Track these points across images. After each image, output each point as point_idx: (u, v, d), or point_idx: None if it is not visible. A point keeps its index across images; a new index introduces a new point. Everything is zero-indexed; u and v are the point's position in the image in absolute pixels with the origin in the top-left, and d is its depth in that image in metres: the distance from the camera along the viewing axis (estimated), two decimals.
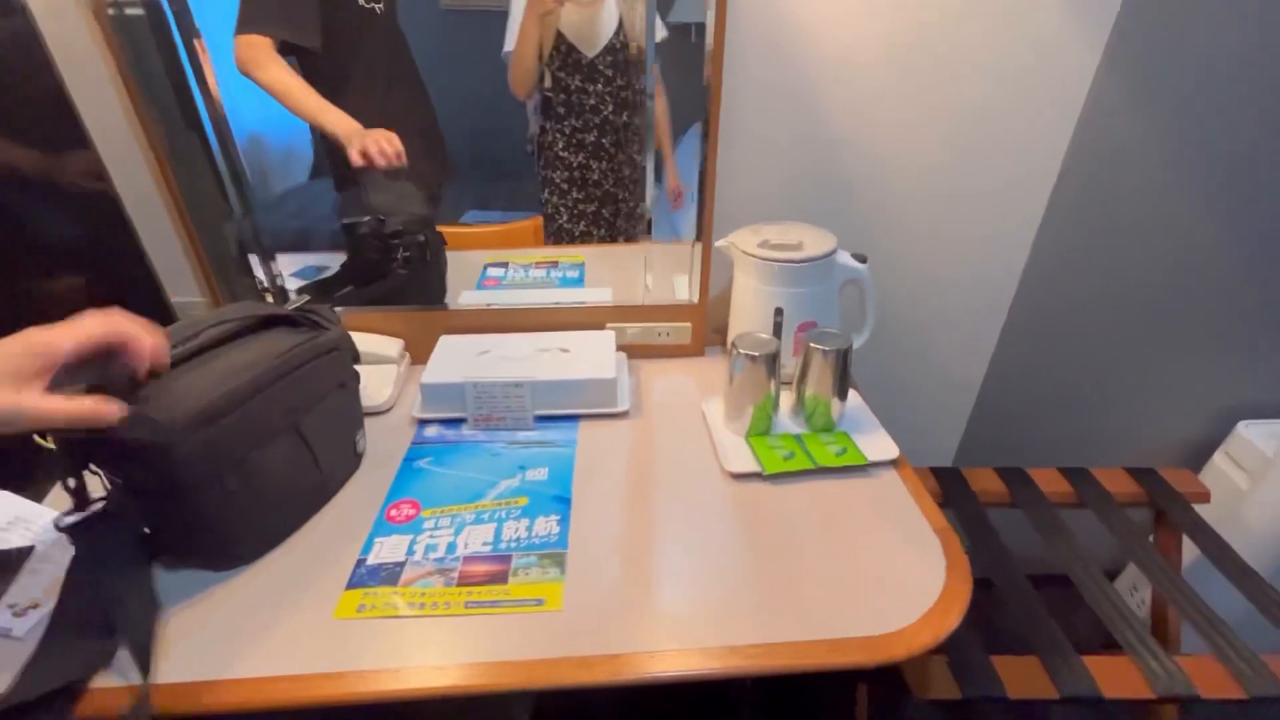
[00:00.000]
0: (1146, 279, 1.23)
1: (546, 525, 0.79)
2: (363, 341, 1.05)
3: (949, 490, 1.21)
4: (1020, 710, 0.89)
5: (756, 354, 0.86)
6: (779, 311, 0.96)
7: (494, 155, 1.20)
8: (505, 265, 1.27)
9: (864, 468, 0.86)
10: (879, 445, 0.89)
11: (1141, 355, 1.32)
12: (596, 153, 1.09)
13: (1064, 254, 1.19)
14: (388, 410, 0.99)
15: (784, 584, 0.71)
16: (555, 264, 1.26)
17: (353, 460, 0.88)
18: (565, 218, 1.16)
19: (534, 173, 1.13)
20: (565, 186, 1.13)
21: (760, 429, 0.92)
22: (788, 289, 0.94)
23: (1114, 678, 0.90)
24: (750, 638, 0.65)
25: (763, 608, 0.68)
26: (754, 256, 0.94)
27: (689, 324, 1.11)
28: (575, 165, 1.10)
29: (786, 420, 0.95)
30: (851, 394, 0.99)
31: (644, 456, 0.90)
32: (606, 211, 1.14)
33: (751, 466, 0.86)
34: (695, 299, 1.09)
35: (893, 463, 0.87)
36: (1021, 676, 0.90)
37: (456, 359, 1.00)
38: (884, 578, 0.71)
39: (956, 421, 1.38)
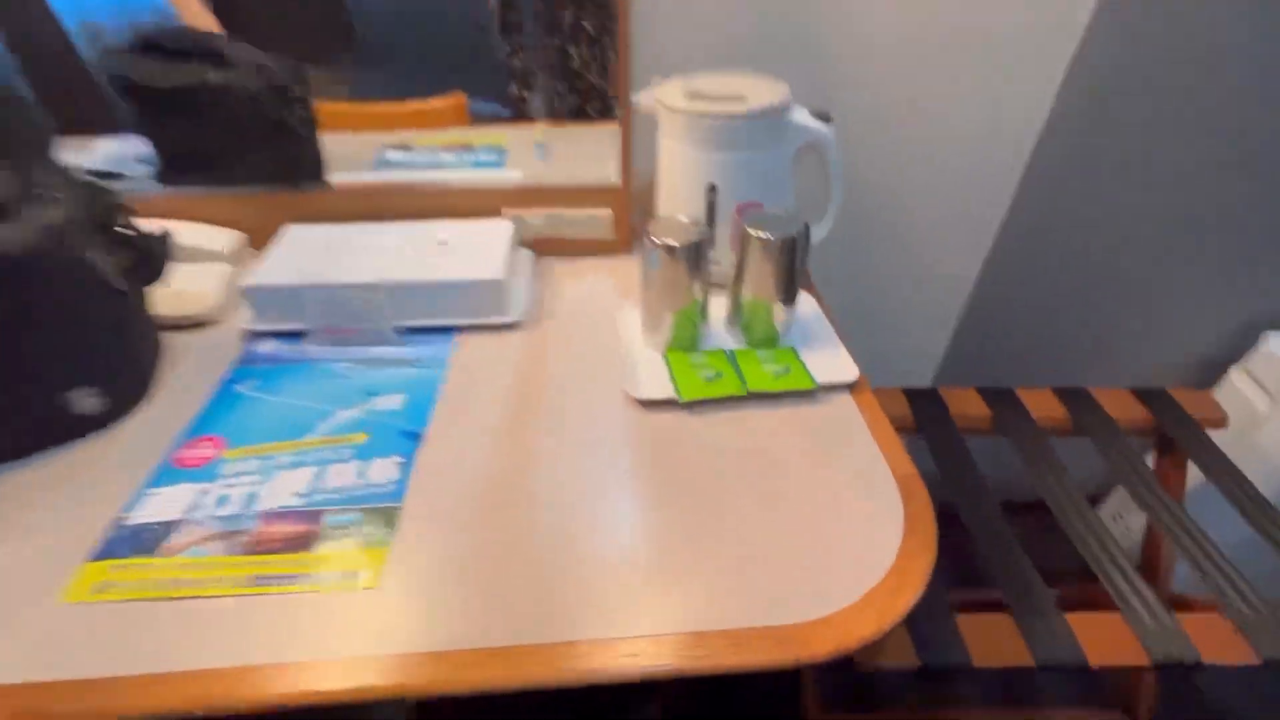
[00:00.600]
0: (1163, 178, 1.00)
1: (384, 470, 0.60)
2: (188, 234, 0.82)
3: (922, 415, 1.03)
4: (993, 676, 0.74)
5: (676, 244, 0.65)
6: (712, 189, 0.73)
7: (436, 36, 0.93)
8: (408, 149, 1.02)
9: (811, 394, 0.67)
10: (833, 364, 0.69)
11: (1155, 259, 1.11)
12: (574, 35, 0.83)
13: (1078, 140, 0.95)
14: (213, 322, 0.78)
15: (687, 552, 0.52)
16: (469, 147, 1.01)
17: (133, 386, 0.67)
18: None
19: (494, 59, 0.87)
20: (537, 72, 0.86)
21: (683, 343, 0.71)
22: (723, 155, 0.71)
23: (1099, 637, 0.76)
24: (634, 626, 0.47)
25: (651, 585, 0.50)
26: (679, 112, 0.70)
27: (608, 211, 0.88)
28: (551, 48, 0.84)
29: (720, 332, 0.75)
30: (805, 299, 0.78)
31: (533, 380, 0.70)
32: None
33: (664, 391, 0.66)
34: (616, 179, 0.85)
35: (848, 387, 0.68)
36: (991, 639, 0.75)
37: (301, 255, 0.78)
38: (822, 543, 0.53)
39: (939, 334, 1.19)
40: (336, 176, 0.91)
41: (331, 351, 0.74)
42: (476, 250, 0.79)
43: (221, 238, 0.83)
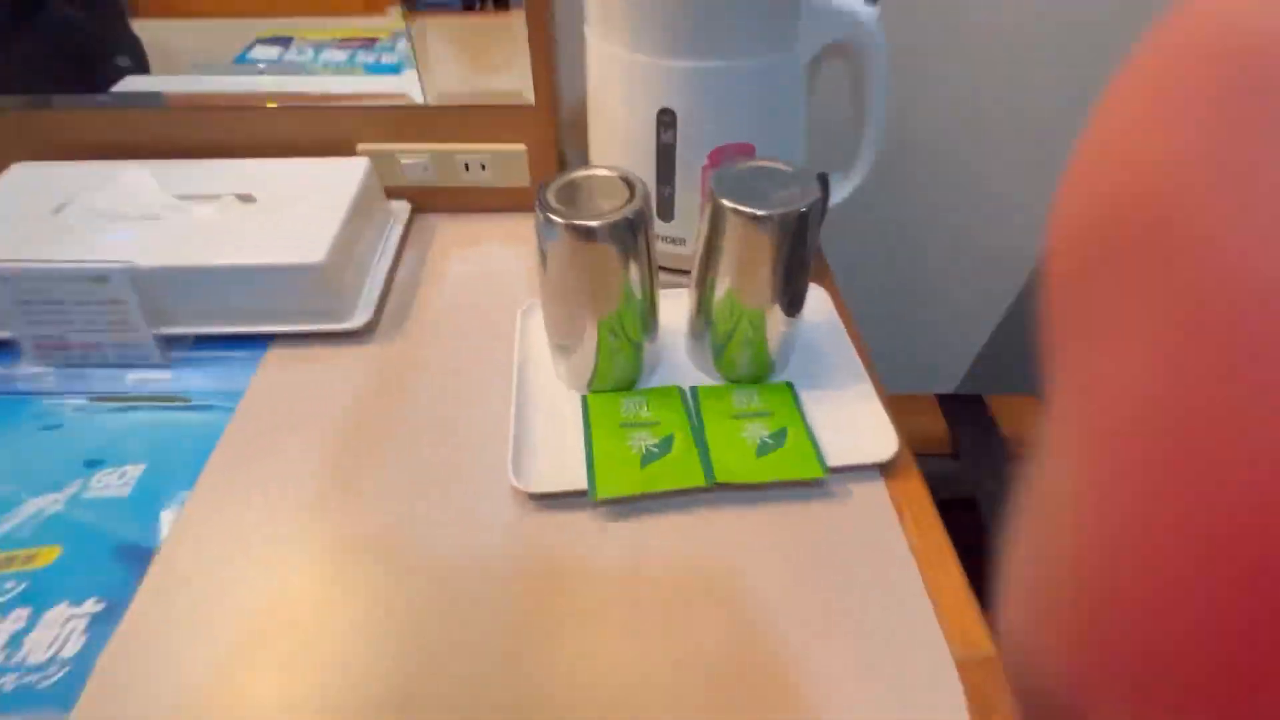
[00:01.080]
0: None
1: (55, 636, 0.34)
2: None
3: (964, 432, 0.77)
4: None
5: (595, 223, 0.36)
6: (665, 120, 0.43)
7: None
8: (286, 42, 0.71)
9: (818, 484, 0.40)
10: (857, 424, 0.42)
11: None
12: None
13: None
14: None
15: None
16: (371, 42, 0.70)
17: None
18: None
19: None
20: None
21: (611, 377, 0.44)
22: (683, 63, 0.40)
23: None
24: None
25: None
26: None
27: (522, 147, 0.58)
28: None
29: (676, 354, 0.47)
30: (816, 296, 0.50)
31: (369, 433, 0.43)
32: None
33: (569, 478, 0.39)
34: (531, 97, 0.55)
35: (880, 468, 0.41)
36: None
37: (15, 217, 0.49)
38: None
39: (974, 328, 0.90)
40: (150, 82, 0.61)
41: (54, 380, 0.46)
42: (300, 215, 0.50)
43: None
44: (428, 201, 0.61)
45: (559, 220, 0.36)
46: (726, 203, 0.37)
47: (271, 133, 0.56)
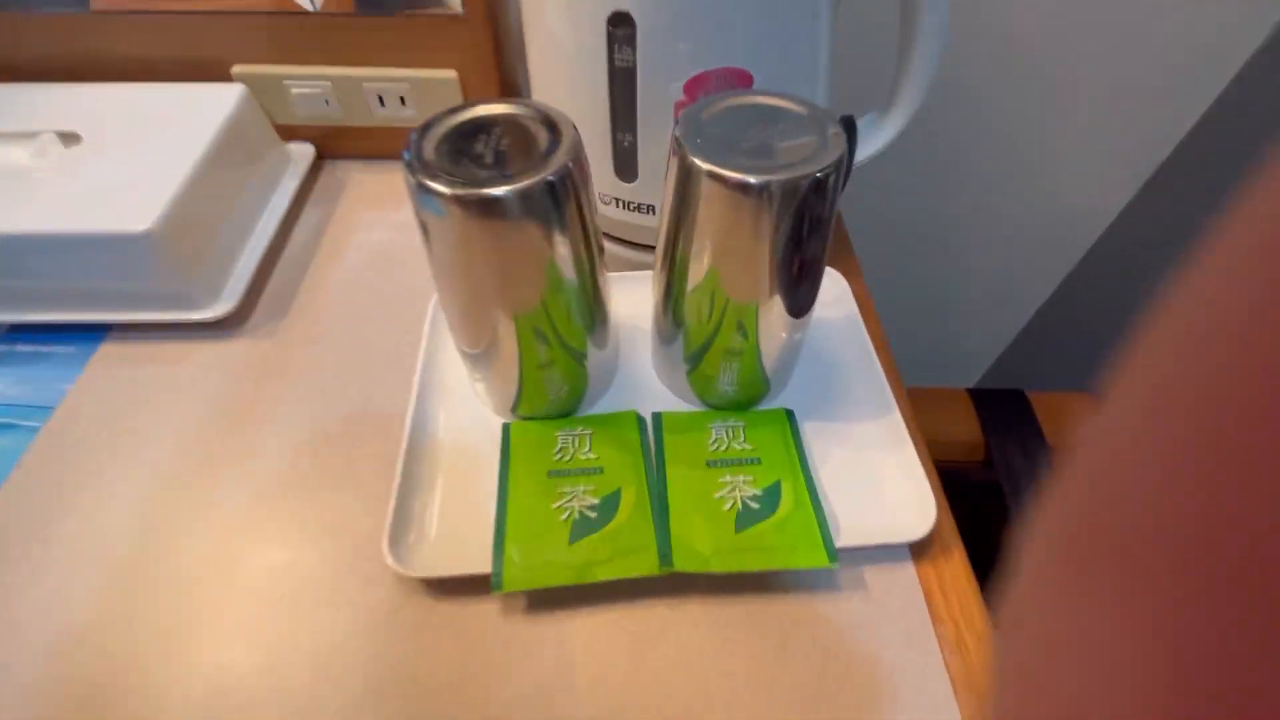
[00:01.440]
0: None
1: None
2: None
3: (1002, 437, 0.65)
4: None
5: (498, 191, 0.23)
6: (622, 33, 0.29)
7: None
8: None
9: (824, 574, 0.28)
10: (883, 483, 0.30)
11: None
12: None
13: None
14: None
15: None
16: None
17: None
18: None
19: None
20: None
21: (546, 398, 0.32)
22: None
23: None
24: None
25: None
26: None
27: (452, 73, 0.44)
28: None
29: (637, 367, 0.35)
30: (832, 281, 0.38)
31: (206, 482, 0.32)
32: None
33: (467, 558, 0.28)
34: (459, 6, 0.40)
35: (910, 548, 0.29)
36: None
37: None
38: None
39: (1011, 315, 0.76)
40: None
41: None
42: (138, 161, 0.37)
43: None
44: (336, 144, 0.47)
45: (441, 190, 0.24)
46: (700, 162, 0.24)
47: (117, 47, 0.42)
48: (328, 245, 0.43)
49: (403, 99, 0.44)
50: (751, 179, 0.23)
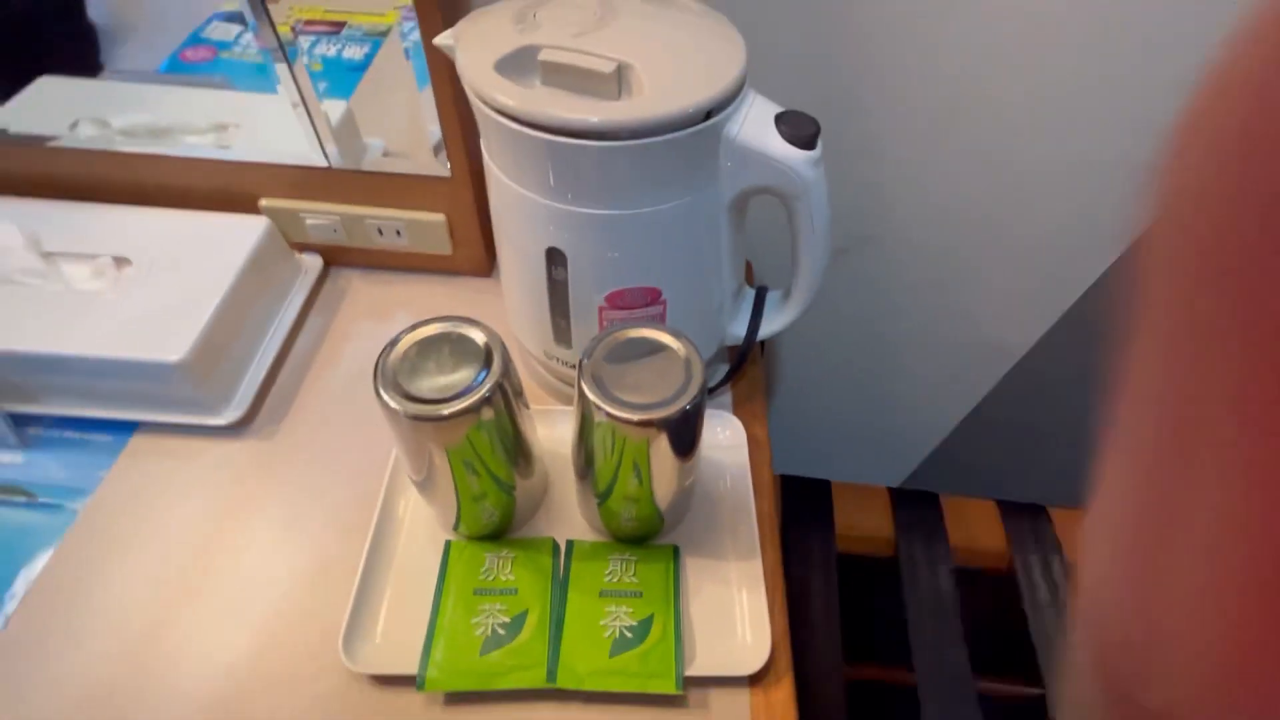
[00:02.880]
0: None
1: None
2: None
3: (910, 533, 0.73)
4: None
5: (441, 411, 0.32)
6: (556, 258, 0.37)
7: None
8: (243, 21, 0.64)
9: (676, 695, 0.36)
10: (736, 619, 0.38)
11: None
12: None
13: None
14: None
15: None
16: (339, 28, 0.64)
17: None
18: None
19: None
20: None
21: (481, 521, 0.40)
22: (570, 207, 0.34)
23: None
24: None
25: None
26: (484, 103, 0.33)
27: (441, 217, 0.52)
28: None
29: (565, 490, 0.43)
30: (729, 428, 0.46)
31: (207, 568, 0.40)
32: None
33: (404, 659, 0.36)
34: (447, 169, 0.49)
35: (749, 678, 0.37)
36: None
37: None
38: None
39: (935, 420, 0.83)
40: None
41: None
42: (178, 287, 0.46)
43: None
44: (341, 257, 0.56)
45: (393, 406, 0.32)
46: (591, 396, 0.32)
47: (168, 178, 0.51)
48: (325, 353, 0.51)
49: (399, 231, 0.53)
50: (625, 416, 0.32)
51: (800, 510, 0.74)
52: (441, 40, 0.34)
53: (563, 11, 0.33)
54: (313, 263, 0.55)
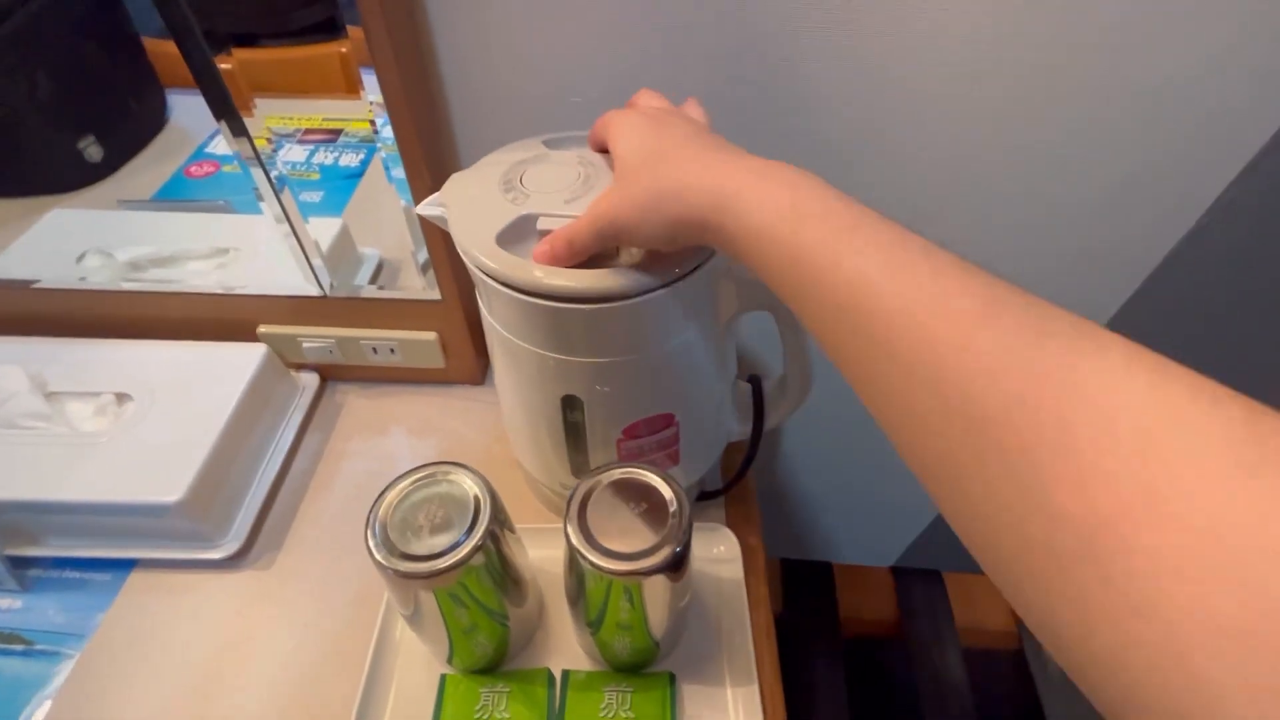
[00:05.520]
0: None
1: None
2: None
3: (916, 615, 0.72)
4: None
5: (429, 568, 0.32)
6: (571, 406, 0.38)
7: None
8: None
9: None
10: None
11: None
12: None
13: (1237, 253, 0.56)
14: None
15: None
16: (335, 136, 0.67)
17: None
18: None
19: None
20: None
21: (473, 655, 0.40)
22: (585, 359, 0.36)
23: None
24: None
25: None
26: (489, 276, 0.34)
27: (433, 335, 0.54)
28: None
29: (560, 616, 0.43)
30: (724, 542, 0.46)
31: (202, 708, 0.40)
32: None
33: None
34: (439, 293, 0.51)
35: None
36: None
37: None
38: None
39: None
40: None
41: None
42: (177, 423, 0.47)
43: None
44: (337, 373, 0.57)
45: (389, 567, 0.32)
46: (593, 562, 0.32)
47: (170, 311, 0.53)
48: (321, 474, 0.52)
49: (392, 350, 0.54)
50: (608, 566, 0.32)
51: (803, 597, 0.73)
52: (428, 210, 0.36)
53: (548, 175, 0.36)
54: (309, 380, 0.56)
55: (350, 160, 0.65)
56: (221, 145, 0.67)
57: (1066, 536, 0.15)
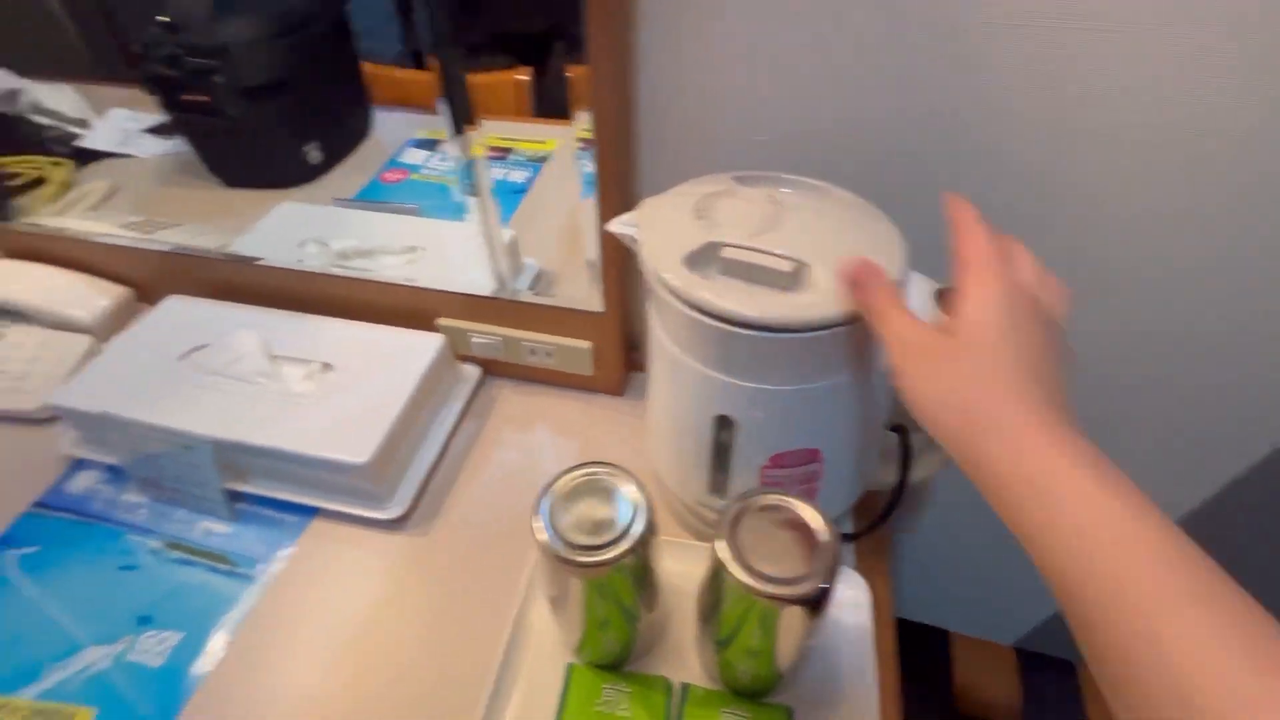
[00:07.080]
0: None
1: None
2: (39, 283, 0.64)
3: (1041, 708, 0.66)
4: None
5: (584, 559, 0.35)
6: (723, 426, 0.40)
7: None
8: (433, 145, 0.77)
9: None
10: None
11: None
12: None
13: None
14: (44, 419, 0.59)
15: None
16: (505, 154, 0.75)
17: None
18: None
19: None
20: None
21: (602, 649, 0.42)
22: (744, 382, 0.38)
23: None
24: None
25: None
26: (670, 293, 0.37)
27: (588, 344, 0.57)
28: None
29: (681, 629, 0.45)
30: (853, 587, 0.45)
31: (359, 655, 0.45)
32: None
33: None
34: (601, 305, 0.55)
35: None
36: None
37: (145, 362, 0.56)
38: None
39: None
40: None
41: (147, 514, 0.53)
42: (368, 393, 0.53)
43: (85, 300, 0.64)
44: (496, 369, 0.63)
45: (552, 548, 0.35)
46: (728, 561, 0.34)
47: (369, 296, 0.60)
48: (475, 457, 0.57)
49: (549, 353, 0.59)
50: (756, 585, 0.33)
51: (915, 661, 0.69)
52: (619, 228, 0.39)
53: (738, 208, 0.38)
54: (472, 372, 0.62)
55: (518, 177, 0.71)
56: (410, 155, 0.76)
57: None
